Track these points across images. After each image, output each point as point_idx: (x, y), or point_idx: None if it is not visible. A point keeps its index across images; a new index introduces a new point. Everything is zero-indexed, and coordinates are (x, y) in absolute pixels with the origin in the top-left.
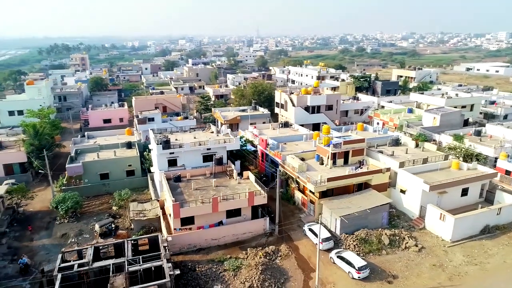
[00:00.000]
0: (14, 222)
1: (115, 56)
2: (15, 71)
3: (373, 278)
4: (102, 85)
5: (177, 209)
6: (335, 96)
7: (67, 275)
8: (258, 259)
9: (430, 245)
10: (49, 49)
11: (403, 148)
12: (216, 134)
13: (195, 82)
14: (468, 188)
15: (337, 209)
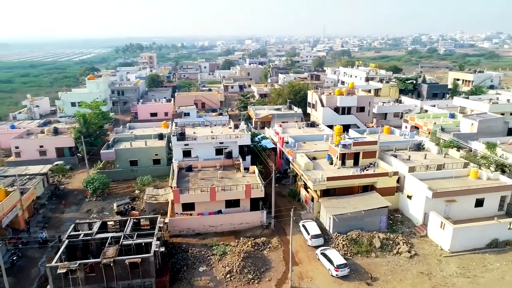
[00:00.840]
0: (54, 196)
1: (183, 55)
2: (90, 67)
3: (353, 278)
4: (158, 82)
5: (177, 195)
6: (368, 98)
7: (73, 243)
8: (245, 248)
9: (425, 253)
10: (124, 48)
11: (423, 154)
12: (232, 129)
13: (246, 81)
14: (483, 198)
15: (331, 208)
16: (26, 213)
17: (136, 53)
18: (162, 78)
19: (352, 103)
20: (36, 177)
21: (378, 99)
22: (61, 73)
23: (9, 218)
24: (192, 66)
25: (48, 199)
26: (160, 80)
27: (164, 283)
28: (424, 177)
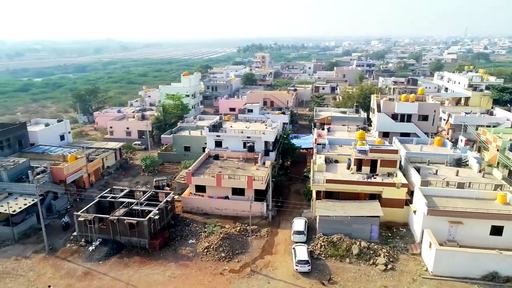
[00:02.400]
0: (121, 168)
1: (302, 56)
2: (204, 65)
3: (312, 276)
4: (252, 80)
5: (189, 177)
6: (432, 106)
7: (101, 202)
8: (230, 231)
9: (404, 270)
10: (245, 48)
11: (459, 170)
12: (266, 127)
13: (340, 83)
14: (502, 227)
15: (320, 209)
16: (93, 177)
17: (255, 53)
18: (259, 76)
19: (411, 110)
20: (109, 151)
21: (462, 109)
22: (186, 69)
23: (74, 178)
24: (297, 67)
25: (116, 170)
26: (254, 79)
27: (154, 245)
28: (435, 193)
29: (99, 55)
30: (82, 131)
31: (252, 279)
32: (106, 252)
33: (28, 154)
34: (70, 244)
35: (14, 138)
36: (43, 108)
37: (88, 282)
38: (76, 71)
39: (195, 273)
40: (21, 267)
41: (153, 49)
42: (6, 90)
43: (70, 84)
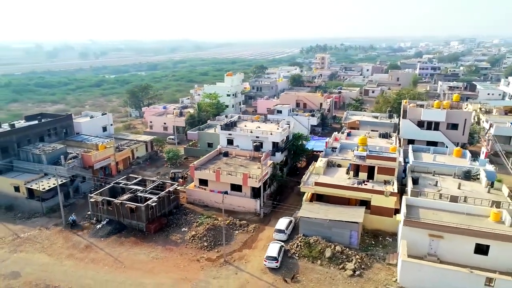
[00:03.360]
0: (149, 159)
1: (370, 57)
2: (259, 65)
3: (279, 273)
4: (299, 81)
5: (192, 171)
6: (463, 114)
7: (115, 187)
8: (218, 223)
9: (372, 278)
10: (308, 49)
11: (462, 183)
12: (277, 128)
13: (393, 86)
14: (487, 246)
15: (304, 210)
16: (121, 165)
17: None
18: (307, 78)
19: (439, 118)
20: (140, 143)
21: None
22: (247, 69)
23: (101, 164)
24: (355, 69)
25: (144, 160)
26: (302, 80)
27: (150, 229)
28: (424, 204)
29: (173, 54)
30: (130, 124)
31: (223, 268)
32: (109, 230)
33: (70, 141)
34: (84, 221)
35: (61, 128)
36: (108, 102)
37: (85, 254)
38: (148, 69)
39: (176, 257)
40: (40, 236)
41: (224, 48)
42: (83, 85)
43: (138, 80)
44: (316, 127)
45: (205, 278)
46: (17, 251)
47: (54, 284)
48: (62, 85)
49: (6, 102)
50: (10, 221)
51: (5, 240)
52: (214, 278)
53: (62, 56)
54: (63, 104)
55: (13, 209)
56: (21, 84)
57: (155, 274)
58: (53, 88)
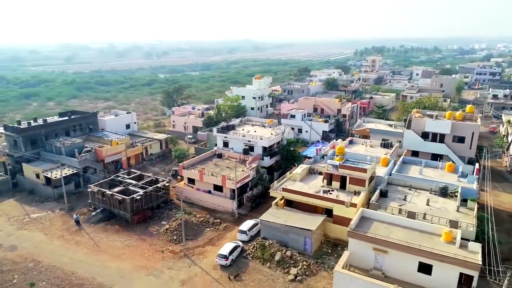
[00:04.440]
0: (162, 157)
1: (432, 60)
2: (303, 68)
3: (227, 270)
4: (333, 85)
5: (181, 169)
6: (470, 127)
7: (114, 180)
8: (191, 219)
9: (312, 285)
10: (363, 51)
11: (436, 199)
12: (271, 133)
13: (434, 93)
14: (431, 266)
15: (266, 214)
16: (133, 160)
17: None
18: (345, 82)
19: (444, 130)
20: (154, 141)
21: None
22: (291, 71)
23: (112, 159)
24: (404, 72)
25: (157, 157)
26: (336, 84)
27: (133, 220)
28: (380, 218)
29: (231, 55)
30: (160, 122)
31: (180, 261)
32: (100, 218)
33: (92, 137)
34: (84, 208)
35: (86, 124)
36: (152, 100)
37: (73, 236)
38: (202, 69)
39: (145, 247)
40: (45, 218)
41: (284, 49)
42: (136, 84)
43: (185, 80)
44: (330, 132)
45: (161, 267)
46: (23, 228)
47: (38, 259)
48: (118, 83)
49: (67, 98)
50: (27, 203)
51: (17, 218)
52: (169, 268)
53: (129, 56)
54: (113, 101)
55: (33, 193)
56: (83, 82)
57: (121, 260)
58: (110, 86)
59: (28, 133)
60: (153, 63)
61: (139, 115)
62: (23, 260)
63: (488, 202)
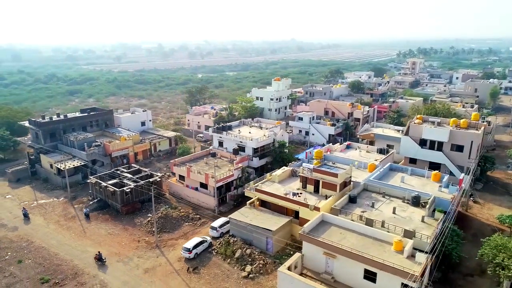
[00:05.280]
0: (169, 153)
1: (486, 62)
2: (335, 70)
3: (189, 263)
4: (359, 88)
5: (172, 166)
6: (469, 135)
7: (114, 173)
8: (171, 213)
9: (262, 283)
10: (406, 53)
11: (405, 208)
12: (263, 135)
13: (468, 98)
14: (375, 273)
15: (236, 213)
16: (140, 155)
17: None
18: (372, 85)
19: (441, 137)
20: (163, 138)
21: None
22: (322, 72)
23: (119, 154)
24: (443, 76)
25: (165, 154)
26: (362, 87)
27: (123, 210)
28: (339, 223)
29: (273, 56)
30: (180, 120)
31: (150, 250)
32: (95, 207)
33: (106, 132)
34: (85, 197)
35: (102, 120)
36: (182, 99)
37: (67, 222)
38: (241, 69)
39: (124, 235)
40: (49, 204)
41: (328, 50)
42: (172, 83)
43: (219, 80)
44: (338, 136)
45: (132, 255)
46: (29, 212)
47: (32, 240)
48: (156, 82)
49: (106, 95)
50: (39, 190)
51: (26, 203)
52: (138, 257)
53: (174, 56)
54: (147, 99)
55: (47, 181)
56: (124, 80)
57: (100, 246)
58: (147, 84)
59: (47, 127)
60: (195, 63)
61: (165, 113)
62: (19, 240)
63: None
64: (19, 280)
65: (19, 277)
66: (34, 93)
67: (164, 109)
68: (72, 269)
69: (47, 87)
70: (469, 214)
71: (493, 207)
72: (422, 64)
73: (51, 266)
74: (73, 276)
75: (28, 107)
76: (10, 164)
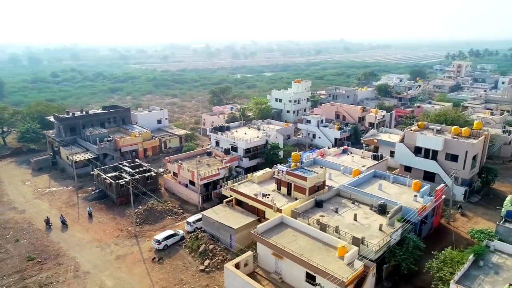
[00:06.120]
0: (178, 150)
1: None
2: (369, 72)
3: (158, 254)
4: (386, 91)
5: (166, 163)
6: (464, 145)
7: (118, 166)
8: (157, 207)
9: (215, 277)
10: (455, 54)
11: (369, 215)
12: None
13: (505, 104)
14: (315, 277)
15: (210, 210)
16: (150, 151)
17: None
18: (403, 88)
19: (434, 146)
20: (173, 136)
21: None
22: (354, 75)
23: (128, 149)
24: (488, 80)
25: (174, 150)
26: (389, 90)
27: (118, 201)
28: (296, 226)
29: (317, 56)
30: (200, 120)
31: (128, 239)
32: (95, 196)
33: (122, 129)
34: (90, 187)
35: (119, 117)
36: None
37: (67, 208)
38: (280, 70)
39: (111, 224)
40: (58, 192)
41: (377, 51)
42: (207, 83)
43: (252, 81)
44: (346, 140)
45: (110, 243)
46: (38, 198)
47: (33, 222)
48: (192, 81)
49: (143, 93)
50: (54, 179)
51: (40, 190)
52: (116, 244)
53: (219, 56)
54: (179, 98)
55: (64, 171)
56: (162, 79)
57: (86, 232)
58: (184, 84)
59: (67, 122)
60: (237, 63)
61: (191, 112)
62: (23, 221)
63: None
64: (11, 256)
65: (12, 254)
66: (80, 90)
67: (191, 108)
68: (56, 251)
69: (92, 85)
70: (449, 227)
71: (481, 221)
72: (469, 67)
73: (40, 247)
74: (55, 256)
75: (70, 103)
76: (38, 154)
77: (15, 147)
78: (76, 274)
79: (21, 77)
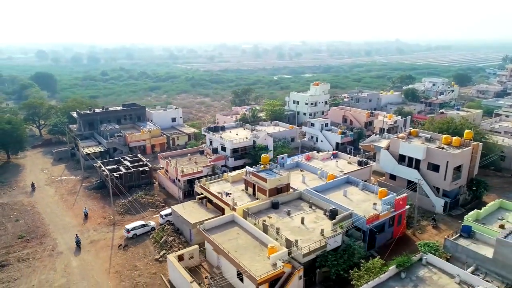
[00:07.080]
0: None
1: None
2: (407, 75)
3: (127, 241)
4: (414, 95)
5: (159, 159)
6: (444, 155)
7: (120, 160)
8: (141, 199)
9: (166, 268)
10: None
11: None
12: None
13: None
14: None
15: (178, 205)
16: (158, 148)
17: None
18: (433, 93)
19: (416, 154)
20: (181, 134)
21: None
22: (413, 75)
23: (136, 144)
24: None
25: (182, 147)
26: (417, 95)
27: (114, 193)
28: (242, 225)
29: (366, 57)
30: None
31: (106, 226)
32: (95, 186)
33: (136, 125)
34: (94, 178)
35: (135, 115)
36: None
37: (67, 196)
38: (322, 71)
39: (98, 213)
40: (66, 180)
41: (434, 52)
42: (242, 83)
43: (287, 83)
44: (349, 145)
45: (90, 228)
46: (48, 185)
47: (35, 206)
48: (229, 81)
49: (178, 92)
50: (69, 169)
51: (52, 177)
52: (94, 230)
53: (265, 57)
54: (209, 97)
55: (79, 162)
56: (200, 79)
57: (75, 217)
58: (220, 84)
59: (86, 118)
60: (280, 64)
61: (216, 111)
62: (28, 204)
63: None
64: (7, 234)
65: (8, 232)
66: (123, 88)
67: (217, 107)
68: (43, 232)
69: (135, 83)
70: (412, 238)
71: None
72: None
73: (32, 227)
74: (40, 236)
75: (110, 100)
76: (63, 146)
77: (46, 139)
78: (51, 253)
79: (77, 74)
